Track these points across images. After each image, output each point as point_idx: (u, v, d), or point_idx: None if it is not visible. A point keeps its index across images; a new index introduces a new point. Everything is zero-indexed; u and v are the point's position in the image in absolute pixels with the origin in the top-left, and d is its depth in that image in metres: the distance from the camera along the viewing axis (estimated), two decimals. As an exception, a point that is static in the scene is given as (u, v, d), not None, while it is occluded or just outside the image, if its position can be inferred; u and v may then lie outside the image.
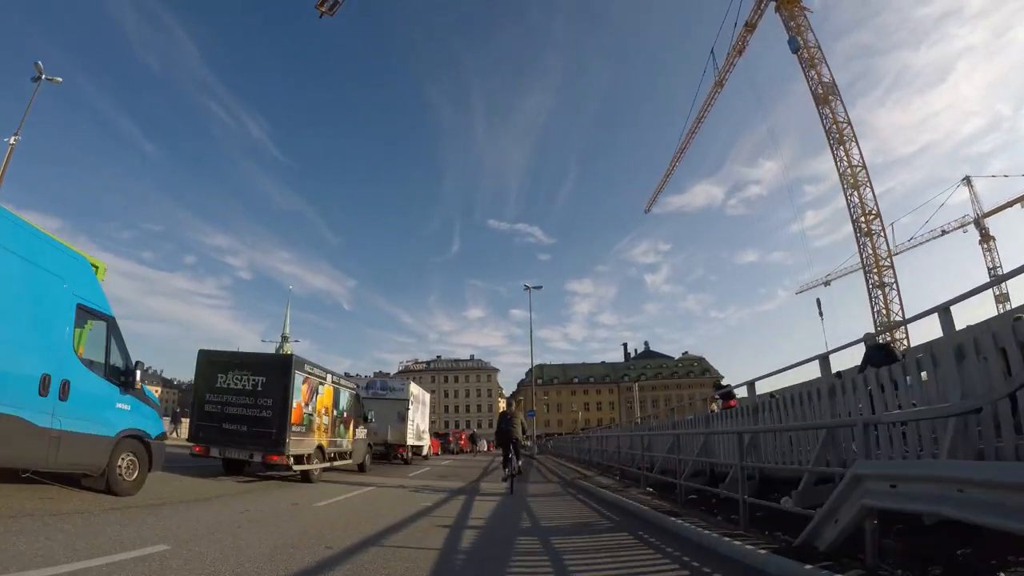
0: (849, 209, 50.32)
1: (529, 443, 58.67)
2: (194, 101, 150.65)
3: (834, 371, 7.19)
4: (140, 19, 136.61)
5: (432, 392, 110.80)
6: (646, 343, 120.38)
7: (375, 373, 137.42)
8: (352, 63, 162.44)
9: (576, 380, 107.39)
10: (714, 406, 11.85)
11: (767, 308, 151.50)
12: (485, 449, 52.61)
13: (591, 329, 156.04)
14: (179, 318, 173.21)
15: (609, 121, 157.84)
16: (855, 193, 49.97)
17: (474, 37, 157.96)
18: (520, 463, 11.04)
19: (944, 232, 54.00)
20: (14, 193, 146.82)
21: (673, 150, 65.15)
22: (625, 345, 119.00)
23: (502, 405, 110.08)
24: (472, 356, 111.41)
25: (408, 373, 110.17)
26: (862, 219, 49.32)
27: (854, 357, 7.37)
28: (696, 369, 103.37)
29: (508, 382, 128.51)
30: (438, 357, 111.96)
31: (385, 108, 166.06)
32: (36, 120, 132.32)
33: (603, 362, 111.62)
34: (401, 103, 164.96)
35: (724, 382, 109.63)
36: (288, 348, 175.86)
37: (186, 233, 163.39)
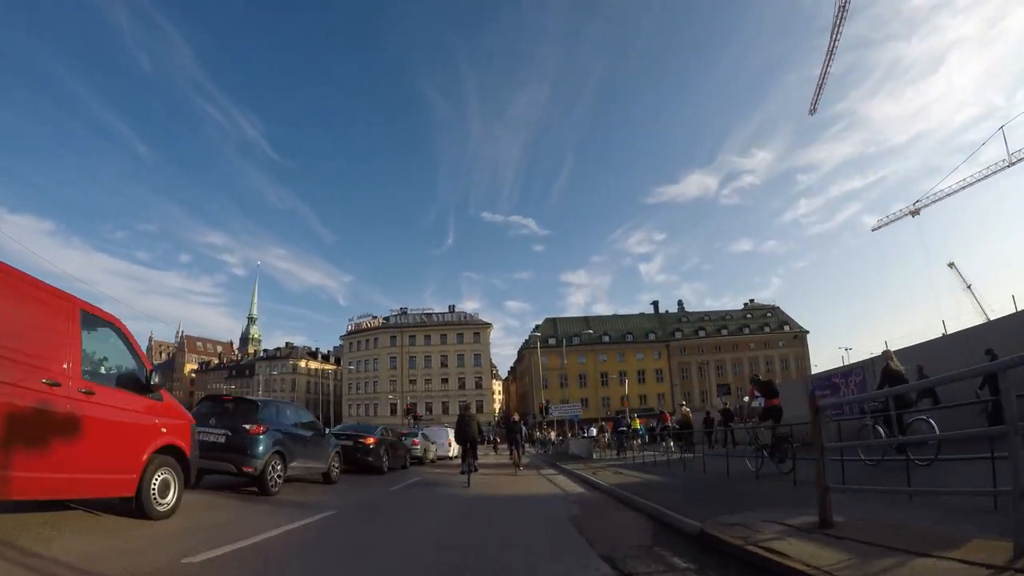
0: None
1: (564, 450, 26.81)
2: (187, 101, 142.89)
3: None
4: (132, 19, 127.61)
5: (393, 359, 77.19)
6: (680, 302, 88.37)
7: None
8: (344, 58, 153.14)
9: (608, 339, 75.55)
10: (756, 404, 10.91)
11: (763, 295, 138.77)
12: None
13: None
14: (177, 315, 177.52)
15: (604, 113, 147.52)
16: None
17: (467, 30, 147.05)
18: (475, 461, 12.10)
19: None
20: (6, 195, 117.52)
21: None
22: (656, 303, 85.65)
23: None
24: (452, 307, 76.92)
25: (360, 334, 74.46)
26: None
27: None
28: (771, 322, 75.14)
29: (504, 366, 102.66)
30: (403, 310, 76.09)
31: (378, 103, 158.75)
32: (29, 122, 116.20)
33: (642, 313, 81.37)
34: (394, 98, 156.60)
35: (810, 339, 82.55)
36: (255, 331, 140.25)
37: (180, 232, 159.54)
